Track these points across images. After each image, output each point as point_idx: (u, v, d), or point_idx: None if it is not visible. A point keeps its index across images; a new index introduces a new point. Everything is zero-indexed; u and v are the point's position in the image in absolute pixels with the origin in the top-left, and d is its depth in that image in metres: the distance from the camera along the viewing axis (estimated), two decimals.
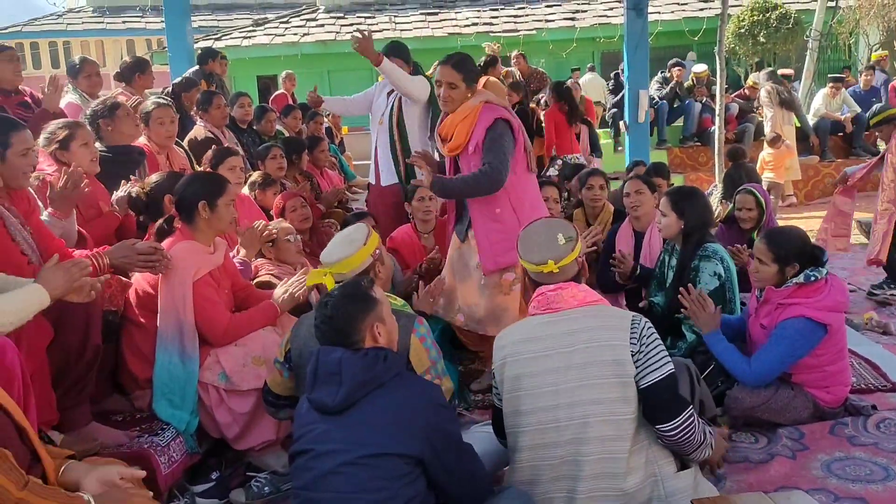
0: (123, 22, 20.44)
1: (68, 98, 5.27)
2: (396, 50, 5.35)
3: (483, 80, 3.95)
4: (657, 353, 2.52)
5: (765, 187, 9.66)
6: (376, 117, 5.47)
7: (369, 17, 16.08)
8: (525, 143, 3.89)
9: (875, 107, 6.06)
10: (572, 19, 15.45)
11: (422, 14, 16.29)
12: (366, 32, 5.07)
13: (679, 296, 3.56)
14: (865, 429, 3.37)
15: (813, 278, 3.33)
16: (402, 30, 15.18)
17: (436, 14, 16.31)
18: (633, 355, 2.49)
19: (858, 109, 10.88)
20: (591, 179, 5.30)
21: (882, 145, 6.50)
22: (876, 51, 14.61)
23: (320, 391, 2.30)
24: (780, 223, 5.61)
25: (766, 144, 9.87)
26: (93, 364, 3.00)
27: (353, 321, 2.37)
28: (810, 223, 8.73)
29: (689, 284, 3.61)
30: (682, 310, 3.60)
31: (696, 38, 12.98)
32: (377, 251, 2.97)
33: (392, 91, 5.35)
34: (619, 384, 2.48)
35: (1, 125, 3.03)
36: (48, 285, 2.57)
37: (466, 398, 4.00)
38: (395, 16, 16.15)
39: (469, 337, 4.22)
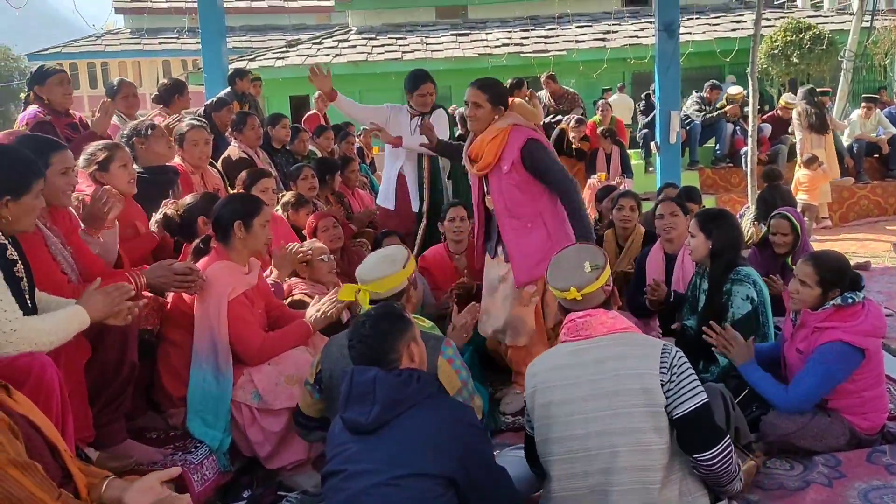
0: (160, 43, 20.88)
1: None
2: (416, 81, 5.43)
3: (510, 101, 4.07)
4: (689, 383, 2.50)
5: (799, 209, 9.58)
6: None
7: (400, 39, 16.25)
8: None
9: None
10: (603, 40, 15.46)
11: (452, 35, 16.41)
12: (323, 69, 5.34)
13: (704, 335, 3.52)
14: None
15: (851, 301, 3.28)
16: (433, 50, 15.30)
17: (466, 35, 16.42)
18: (662, 385, 2.47)
19: (894, 130, 10.73)
20: (622, 200, 5.28)
21: None
22: None
23: (353, 410, 2.32)
24: (814, 245, 5.54)
25: (801, 166, 9.77)
26: (129, 382, 3.05)
27: (392, 340, 2.41)
28: (845, 245, 8.62)
29: (713, 322, 3.56)
30: (709, 347, 3.56)
31: (727, 59, 12.91)
32: (413, 275, 2.99)
33: (419, 115, 5.42)
34: (650, 413, 2.47)
35: (42, 145, 3.10)
36: (89, 308, 2.64)
37: (496, 420, 3.98)
38: (426, 37, 16.28)
39: (501, 356, 4.23)
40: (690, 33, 14.67)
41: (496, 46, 15.47)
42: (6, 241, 2.60)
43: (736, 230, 3.95)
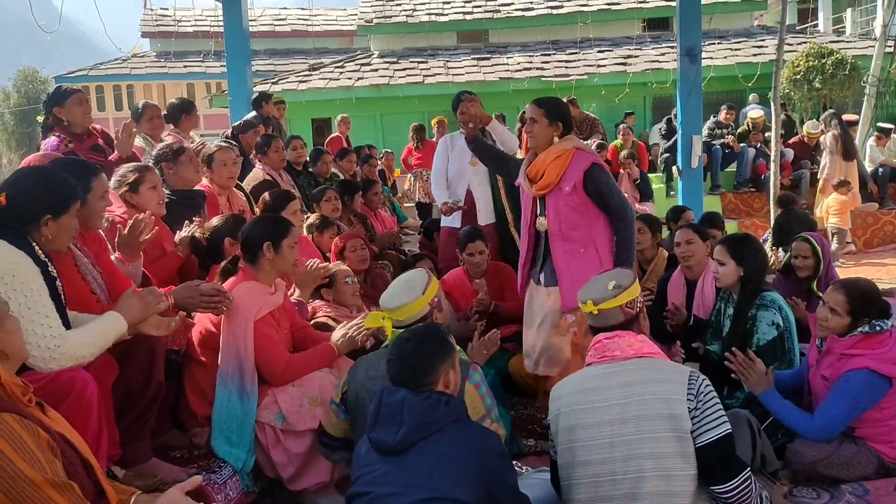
0: (185, 66, 21.20)
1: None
2: (455, 102, 5.45)
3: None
4: (714, 412, 2.49)
5: (830, 233, 9.54)
6: (460, 161, 5.57)
7: (422, 63, 16.37)
8: None
9: None
10: (624, 64, 15.50)
11: (474, 59, 16.52)
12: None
13: (726, 361, 3.50)
14: None
15: (879, 328, 3.26)
16: (454, 74, 15.40)
17: (488, 59, 16.52)
18: (689, 411, 2.47)
19: None
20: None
21: None
22: None
23: (381, 430, 2.34)
24: (839, 271, 5.50)
25: (820, 191, 9.75)
26: (155, 400, 3.08)
27: (433, 363, 2.43)
28: (870, 271, 8.54)
29: (734, 348, 3.53)
30: (731, 374, 3.53)
31: (749, 84, 12.90)
32: (436, 299, 3.01)
33: None
34: (676, 439, 2.46)
35: (82, 171, 3.15)
36: (125, 312, 2.71)
37: (519, 444, 3.97)
38: (447, 61, 16.40)
39: (523, 379, 4.23)
40: (712, 58, 14.68)
41: (517, 70, 15.55)
42: (47, 259, 2.65)
43: (763, 255, 3.94)
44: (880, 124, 11.52)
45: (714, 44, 15.71)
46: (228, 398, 3.24)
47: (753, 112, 11.82)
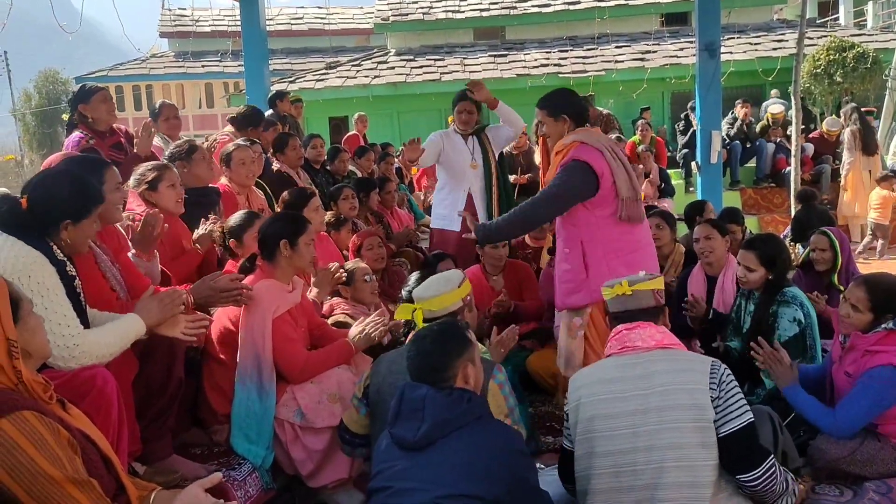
0: (202, 66, 21.33)
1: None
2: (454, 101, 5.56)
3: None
4: (737, 401, 2.48)
5: (869, 229, 9.48)
6: (459, 162, 5.52)
7: (438, 60, 16.37)
8: (619, 189, 3.71)
9: None
10: (642, 60, 15.41)
11: (490, 56, 16.48)
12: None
13: (752, 352, 3.45)
14: None
15: None
16: (471, 71, 15.38)
17: (504, 56, 16.48)
18: (712, 400, 2.45)
19: None
20: (649, 219, 5.21)
21: None
22: None
23: (402, 426, 2.34)
24: (861, 268, 5.44)
25: (876, 184, 9.69)
26: (175, 397, 3.10)
27: (450, 358, 2.42)
28: (893, 266, 8.44)
29: (761, 338, 3.49)
30: (755, 368, 3.50)
31: (769, 79, 12.79)
32: (468, 297, 3.02)
33: (472, 135, 5.45)
34: (698, 429, 2.44)
35: (92, 166, 3.17)
36: (144, 314, 2.72)
37: (537, 440, 3.96)
38: (464, 58, 16.39)
39: (541, 376, 4.21)
40: (731, 52, 14.57)
41: (534, 67, 15.50)
42: (65, 259, 2.66)
43: (789, 255, 3.91)
44: None
45: (733, 38, 15.59)
46: (248, 396, 3.26)
47: (774, 107, 11.71)
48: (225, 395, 3.38)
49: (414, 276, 3.79)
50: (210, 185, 4.59)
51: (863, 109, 10.79)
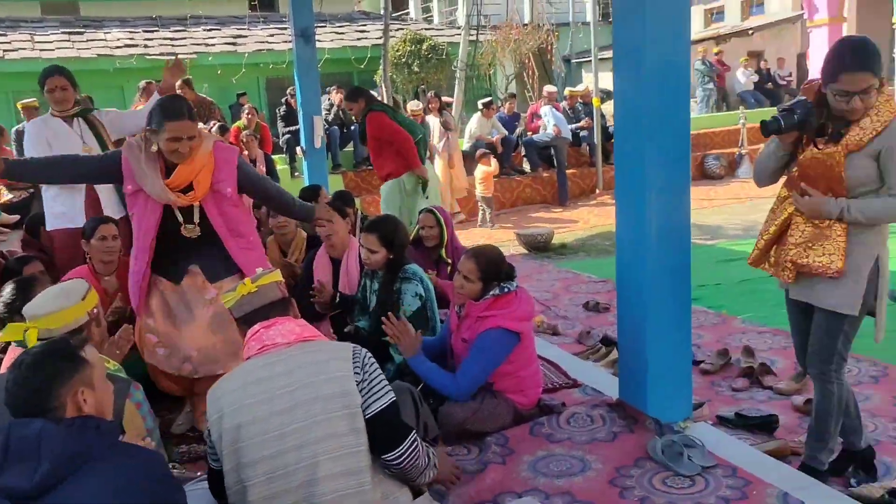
0: None
1: None
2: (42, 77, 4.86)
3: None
4: (379, 382, 2.49)
5: (479, 201, 10.50)
6: (69, 150, 4.52)
7: (1, 35, 14.29)
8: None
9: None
10: (234, 44, 15.17)
11: (64, 33, 14.89)
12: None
13: (382, 325, 3.58)
14: (559, 425, 3.61)
15: (506, 290, 3.57)
16: (42, 49, 13.71)
17: (81, 34, 15.01)
18: (357, 384, 2.44)
19: (506, 132, 12.06)
20: None
21: None
22: (511, 80, 16.37)
23: (12, 474, 1.88)
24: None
25: (477, 161, 10.72)
26: None
27: (53, 384, 2.00)
28: (502, 234, 9.46)
29: (391, 313, 3.64)
30: (386, 344, 3.63)
31: (361, 66, 13.50)
32: (95, 309, 2.60)
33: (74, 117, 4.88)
34: (347, 416, 2.40)
35: None
36: None
37: (169, 452, 3.64)
38: (33, 34, 14.56)
39: (173, 386, 3.82)
40: (320, 40, 15.04)
41: (118, 47, 14.34)
42: None
43: (406, 234, 4.09)
44: (483, 99, 12.66)
45: (321, 26, 16.10)
46: None
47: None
48: None
49: (8, 287, 3.17)
50: None
51: (444, 100, 11.92)
